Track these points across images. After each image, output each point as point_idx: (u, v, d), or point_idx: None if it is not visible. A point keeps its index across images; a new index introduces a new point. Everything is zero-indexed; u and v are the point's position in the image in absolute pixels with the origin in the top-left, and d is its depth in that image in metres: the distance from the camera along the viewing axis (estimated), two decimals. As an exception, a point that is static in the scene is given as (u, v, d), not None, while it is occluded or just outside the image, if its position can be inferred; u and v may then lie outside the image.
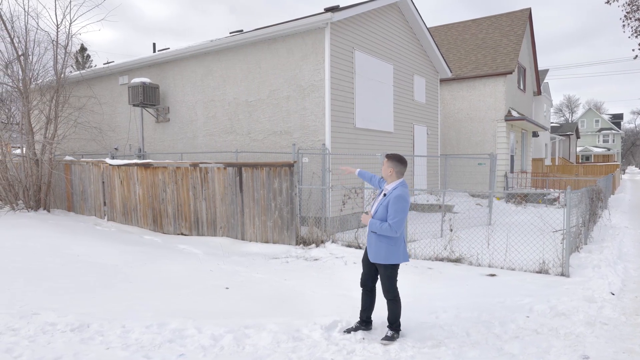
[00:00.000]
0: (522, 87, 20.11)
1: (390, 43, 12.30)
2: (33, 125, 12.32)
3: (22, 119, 12.23)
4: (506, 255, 7.12)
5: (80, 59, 38.76)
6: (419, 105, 14.06)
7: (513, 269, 6.86)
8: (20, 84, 11.92)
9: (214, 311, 5.08)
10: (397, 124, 12.69)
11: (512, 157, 18.39)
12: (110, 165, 11.56)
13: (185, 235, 10.27)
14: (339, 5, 10.35)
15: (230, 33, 11.02)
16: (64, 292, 5.73)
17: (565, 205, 6.57)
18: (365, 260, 4.51)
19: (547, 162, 29.50)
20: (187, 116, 12.46)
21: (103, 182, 11.90)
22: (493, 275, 6.59)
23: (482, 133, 17.50)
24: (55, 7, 11.95)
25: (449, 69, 15.43)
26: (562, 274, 6.52)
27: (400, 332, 4.44)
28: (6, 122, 13.48)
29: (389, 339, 4.30)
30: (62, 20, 12.11)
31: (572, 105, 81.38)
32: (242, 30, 10.82)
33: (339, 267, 7.16)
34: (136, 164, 10.99)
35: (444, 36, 20.46)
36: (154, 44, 15.84)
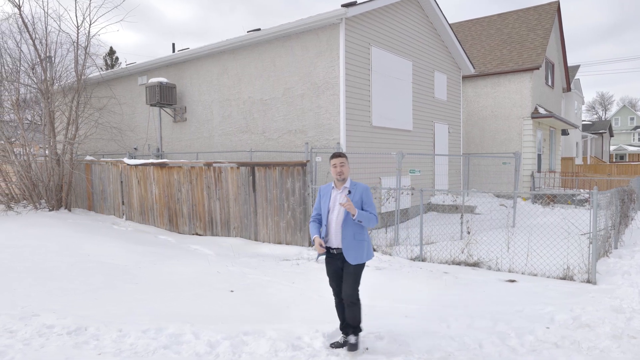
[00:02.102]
0: (550, 83, 19.34)
1: (409, 39, 11.93)
2: (55, 126, 12.52)
3: (44, 120, 12.43)
4: (527, 260, 6.71)
5: (109, 62, 39.67)
6: (439, 102, 13.63)
7: (535, 275, 6.46)
8: (43, 86, 12.11)
9: (214, 316, 4.92)
10: (417, 122, 12.31)
11: (539, 156, 17.68)
12: (128, 165, 11.62)
13: (199, 235, 10.20)
14: (356, 1, 10.06)
15: (247, 32, 10.88)
16: (68, 293, 5.67)
17: (593, 207, 6.13)
18: (334, 266, 4.07)
19: (579, 161, 28.38)
20: (203, 115, 12.41)
21: (121, 182, 11.97)
22: (513, 281, 6.21)
23: (508, 131, 16.88)
24: (76, 8, 12.08)
25: (472, 65, 14.92)
26: (588, 281, 6.08)
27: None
28: (30, 123, 13.75)
29: (356, 347, 4.01)
30: (82, 22, 12.25)
31: (605, 102, 78.44)
32: (259, 29, 10.66)
33: (350, 270, 6.90)
34: (152, 164, 10.99)
35: (468, 32, 19.87)
36: (173, 44, 15.91)
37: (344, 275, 4.04)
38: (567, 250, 6.95)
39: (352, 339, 4.03)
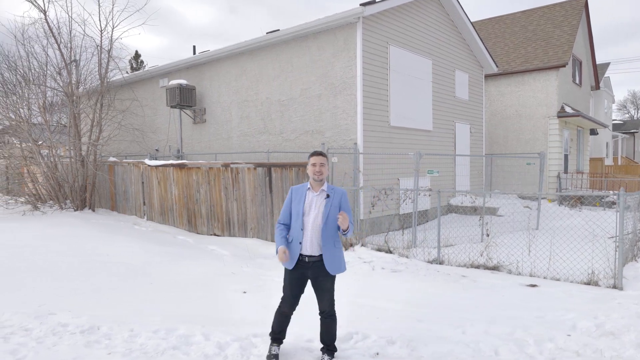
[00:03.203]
0: (577, 81, 18.75)
1: (429, 37, 11.73)
2: (80, 128, 12.81)
3: (69, 122, 12.73)
4: (550, 264, 6.47)
5: (134, 65, 40.53)
6: (461, 102, 13.36)
7: (558, 280, 6.22)
8: (68, 89, 12.40)
9: (225, 317, 4.89)
10: (437, 121, 12.09)
11: (566, 156, 17.15)
12: (148, 166, 11.78)
13: (217, 235, 10.25)
14: (375, 0, 9.94)
15: (266, 33, 10.89)
16: (85, 292, 5.75)
17: (619, 208, 5.87)
18: (301, 277, 3.74)
19: (609, 162, 27.44)
20: (222, 117, 12.49)
21: (142, 183, 12.15)
22: (534, 285, 5.99)
23: (533, 131, 16.43)
24: (99, 13, 12.33)
25: (495, 63, 14.58)
26: (614, 287, 5.82)
27: None
28: (56, 125, 14.11)
29: None
30: (105, 26, 12.49)
31: (637, 100, 75.76)
32: (278, 30, 10.66)
33: (366, 273, 6.80)
34: (172, 165, 11.11)
35: (491, 30, 19.45)
36: (194, 47, 16.09)
37: (319, 288, 3.74)
38: (592, 254, 6.67)
39: (325, 357, 3.82)
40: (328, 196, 3.70)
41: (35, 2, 11.50)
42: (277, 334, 3.95)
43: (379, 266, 7.04)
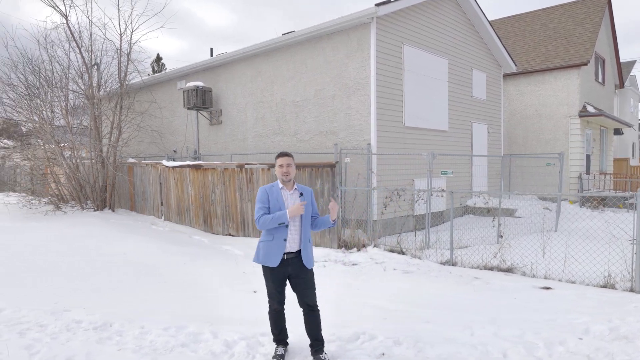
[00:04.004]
0: (600, 80, 18.29)
1: (445, 36, 11.62)
2: (101, 130, 13.11)
3: (90, 124, 13.04)
4: (565, 266, 6.33)
5: (156, 68, 41.27)
6: (478, 101, 13.19)
7: (573, 282, 6.08)
8: (89, 92, 12.70)
9: (234, 316, 4.95)
10: (453, 122, 11.96)
11: (587, 156, 16.75)
12: (166, 167, 11.98)
13: (232, 236, 10.35)
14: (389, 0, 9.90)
15: (282, 35, 10.97)
16: (101, 289, 5.89)
17: (637, 209, 5.71)
18: (282, 274, 3.78)
19: (634, 162, 26.67)
20: (237, 118, 12.62)
21: (160, 183, 12.36)
22: (548, 288, 5.88)
23: (553, 131, 16.10)
24: (119, 17, 12.62)
25: (514, 62, 14.35)
26: (632, 290, 5.66)
27: None
28: (78, 127, 14.47)
29: None
30: (125, 29, 12.76)
31: (666, 99, 73.35)
32: (293, 32, 10.72)
33: (377, 274, 6.78)
34: (188, 166, 11.27)
35: (511, 28, 19.14)
36: (211, 49, 16.30)
37: (303, 283, 3.81)
38: (609, 256, 6.51)
39: (324, 355, 3.84)
40: (301, 194, 3.83)
41: (57, 7, 11.83)
42: (278, 335, 4.00)
43: (391, 267, 7.01)
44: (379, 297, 5.61)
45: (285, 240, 3.71)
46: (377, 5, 9.09)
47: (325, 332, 4.42)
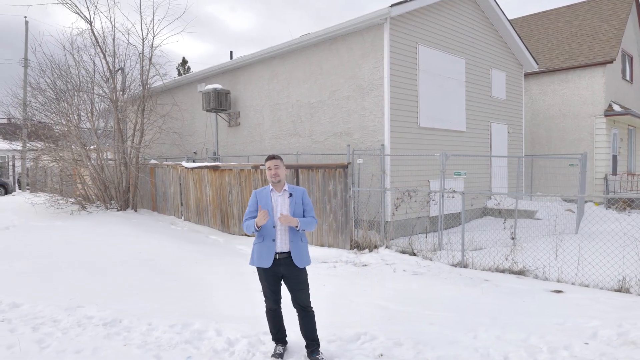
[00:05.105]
0: (628, 77, 17.70)
1: (462, 36, 11.48)
2: (124, 132, 13.49)
3: (114, 127, 13.43)
4: (578, 270, 6.18)
5: (182, 71, 42.13)
6: (497, 101, 12.97)
7: (586, 286, 5.94)
8: (113, 96, 13.09)
9: (240, 314, 5.04)
10: (470, 122, 11.80)
11: (614, 157, 16.23)
12: (185, 168, 12.24)
13: (248, 236, 10.48)
14: (403, 0, 9.86)
15: (300, 36, 11.07)
16: (115, 287, 6.08)
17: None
18: (275, 274, 3.85)
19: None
20: (255, 120, 12.77)
21: (180, 184, 12.62)
22: (559, 291, 5.75)
23: (577, 130, 15.67)
24: (141, 22, 12.94)
25: (535, 61, 14.04)
26: (647, 294, 5.49)
27: None
28: (103, 130, 14.92)
29: None
30: (147, 34, 13.07)
31: None
32: (309, 33, 10.80)
33: (386, 275, 6.76)
34: (206, 167, 11.49)
35: (534, 26, 18.73)
36: (231, 52, 16.53)
37: (295, 283, 3.87)
38: (624, 259, 6.32)
39: (320, 354, 3.89)
40: (291, 195, 3.90)
41: (82, 13, 12.23)
42: (276, 334, 4.06)
43: (401, 268, 6.98)
44: (385, 298, 5.61)
45: (274, 240, 3.80)
46: (391, 6, 9.07)
47: (326, 332, 4.47)
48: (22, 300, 5.38)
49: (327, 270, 7.14)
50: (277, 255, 3.80)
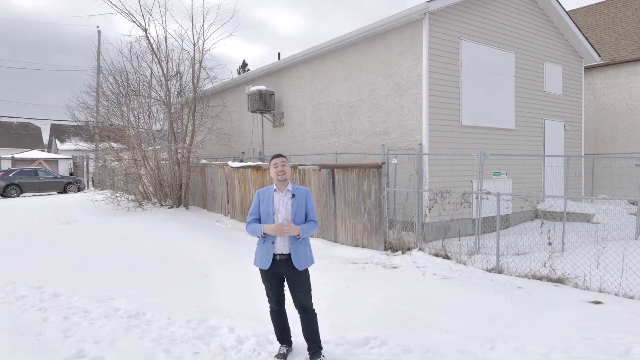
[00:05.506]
0: None
1: (510, 28, 10.88)
2: (177, 134, 14.16)
3: (169, 129, 14.13)
4: (622, 279, 5.66)
5: (242, 73, 43.53)
6: (552, 97, 12.18)
7: (631, 297, 5.42)
8: (167, 99, 13.76)
9: (255, 313, 5.10)
10: (520, 119, 11.17)
11: (692, 155, 14.67)
12: (231, 167, 12.62)
13: (287, 235, 10.61)
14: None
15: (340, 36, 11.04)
16: (147, 281, 6.40)
17: None
18: (276, 274, 3.84)
19: None
20: (297, 120, 12.90)
21: (227, 183, 13.03)
22: (598, 302, 5.30)
23: (648, 127, 14.34)
24: (192, 27, 13.51)
25: (597, 52, 13.02)
26: (701, 310, 4.92)
27: None
28: (159, 132, 15.74)
29: None
30: (198, 39, 13.60)
31: None
32: (348, 33, 10.74)
33: (414, 278, 6.58)
34: (250, 166, 11.77)
35: (599, 15, 17.37)
36: (279, 54, 16.82)
37: (295, 285, 3.83)
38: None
39: (322, 357, 3.83)
40: (294, 196, 3.85)
41: (137, 21, 12.96)
42: (280, 334, 4.07)
43: (431, 272, 6.76)
44: (405, 302, 5.46)
45: (273, 242, 3.78)
46: (429, 1, 8.80)
47: (335, 335, 4.43)
48: (63, 290, 5.80)
49: (354, 272, 7.07)
50: (277, 256, 3.79)
